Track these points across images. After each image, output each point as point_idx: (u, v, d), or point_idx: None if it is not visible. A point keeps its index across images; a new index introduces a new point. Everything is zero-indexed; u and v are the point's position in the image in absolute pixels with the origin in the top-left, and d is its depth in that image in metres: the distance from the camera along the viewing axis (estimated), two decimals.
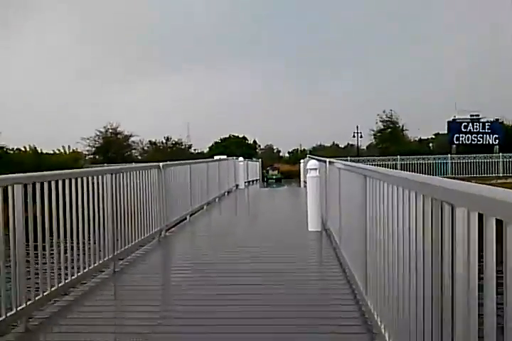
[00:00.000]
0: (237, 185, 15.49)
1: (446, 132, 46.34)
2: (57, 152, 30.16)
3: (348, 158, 23.52)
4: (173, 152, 42.05)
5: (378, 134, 41.09)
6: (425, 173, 22.29)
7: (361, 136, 43.09)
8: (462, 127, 23.22)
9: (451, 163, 22.65)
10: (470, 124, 23.22)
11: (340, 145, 60.19)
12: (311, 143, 55.27)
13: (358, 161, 23.18)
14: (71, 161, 27.74)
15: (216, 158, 26.43)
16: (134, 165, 6.08)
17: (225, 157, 22.58)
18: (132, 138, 43.23)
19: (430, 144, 45.63)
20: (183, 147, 45.53)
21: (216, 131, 45.57)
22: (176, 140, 45.55)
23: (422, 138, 46.60)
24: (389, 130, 40.72)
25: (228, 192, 13.16)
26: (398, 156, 23.24)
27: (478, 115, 39.35)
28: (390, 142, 38.52)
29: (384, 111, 40.56)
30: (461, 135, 23.09)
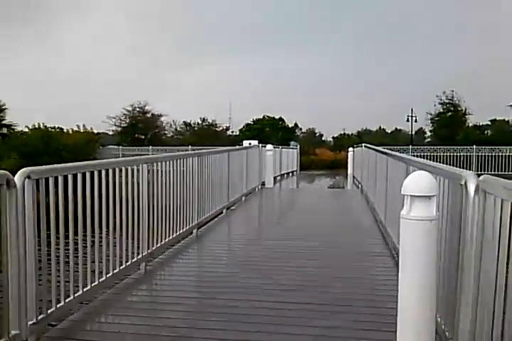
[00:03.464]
0: (263, 183, 11.33)
1: (503, 118, 40.37)
2: (70, 131, 26.89)
3: (410, 147, 18.83)
4: (208, 135, 37.97)
5: (436, 118, 35.84)
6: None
7: (416, 120, 38.24)
8: None
9: None
10: None
11: (387, 131, 54.92)
12: (355, 128, 50.30)
13: (422, 151, 18.49)
14: (83, 142, 24.41)
15: (246, 143, 22.32)
16: None
17: (255, 142, 18.38)
18: (163, 118, 39.47)
19: (485, 131, 40.14)
20: (219, 129, 41.29)
21: (256, 114, 41.36)
22: (210, 121, 41.35)
23: (477, 124, 40.81)
24: (449, 114, 35.38)
25: (246, 196, 9.03)
26: (474, 146, 18.33)
27: None
28: (450, 128, 33.37)
29: (444, 92, 35.24)
30: None
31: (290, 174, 16.87)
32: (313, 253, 4.82)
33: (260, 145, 11.64)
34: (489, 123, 42.95)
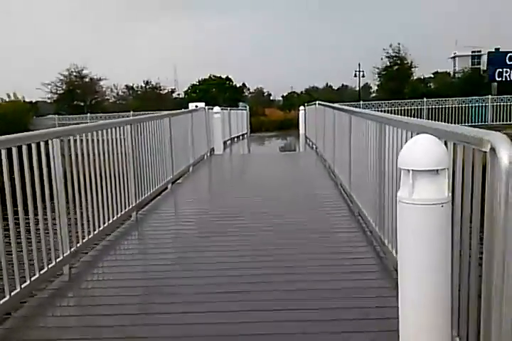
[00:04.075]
0: (212, 150, 10.49)
1: (445, 70, 40.82)
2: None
3: (361, 103, 18.41)
4: (152, 99, 35.95)
5: (383, 72, 35.70)
6: (461, 122, 17.34)
7: (363, 76, 38.25)
8: (507, 59, 17.96)
9: (492, 106, 17.62)
10: None
11: (333, 87, 54.59)
12: (302, 86, 49.64)
13: (373, 106, 18.15)
14: (9, 112, 22.37)
15: (191, 106, 21.11)
16: None
17: (202, 105, 17.31)
18: (103, 83, 36.95)
19: (429, 84, 40.64)
20: (164, 92, 39.23)
21: (202, 74, 39.48)
22: (154, 84, 39.19)
23: (421, 77, 41.17)
24: (396, 67, 35.28)
25: (194, 166, 8.19)
26: (424, 99, 18.17)
27: (480, 51, 34.09)
28: (396, 81, 33.36)
29: (391, 46, 35.01)
30: (504, 69, 17.91)
31: (240, 137, 16.06)
32: (273, 227, 4.15)
33: (207, 107, 10.70)
34: (432, 75, 43.45)
